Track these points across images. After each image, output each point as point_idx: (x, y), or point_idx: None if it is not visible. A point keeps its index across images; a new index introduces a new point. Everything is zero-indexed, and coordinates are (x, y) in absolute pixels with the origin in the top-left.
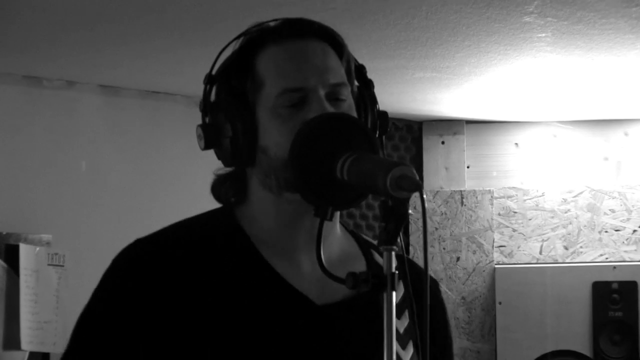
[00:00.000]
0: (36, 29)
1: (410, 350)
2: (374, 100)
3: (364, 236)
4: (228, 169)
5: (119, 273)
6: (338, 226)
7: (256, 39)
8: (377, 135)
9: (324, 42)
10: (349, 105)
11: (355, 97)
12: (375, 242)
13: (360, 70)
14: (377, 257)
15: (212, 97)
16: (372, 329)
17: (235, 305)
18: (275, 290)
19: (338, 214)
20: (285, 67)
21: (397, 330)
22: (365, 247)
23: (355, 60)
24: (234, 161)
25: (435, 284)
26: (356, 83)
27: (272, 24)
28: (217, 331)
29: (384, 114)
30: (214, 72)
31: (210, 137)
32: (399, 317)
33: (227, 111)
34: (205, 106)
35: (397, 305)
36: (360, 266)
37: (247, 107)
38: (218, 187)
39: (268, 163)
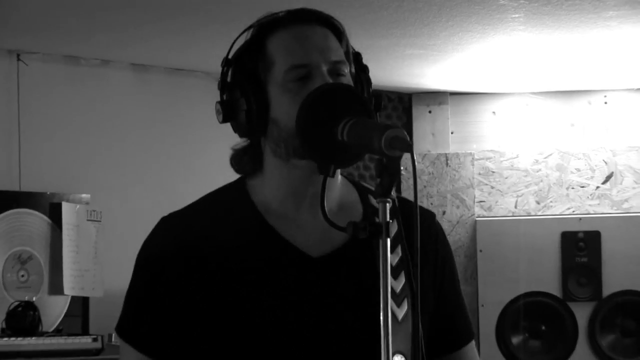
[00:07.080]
0: (75, 11)
1: (402, 280)
2: (369, 82)
3: (364, 184)
4: (244, 143)
5: (154, 250)
6: (339, 179)
7: (266, 26)
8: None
9: (326, 27)
10: (348, 80)
11: (353, 77)
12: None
13: (357, 57)
14: (373, 201)
15: (229, 78)
16: (367, 270)
17: (241, 264)
18: (275, 248)
19: (339, 170)
20: (292, 46)
21: (390, 264)
22: (363, 194)
23: (353, 48)
24: (249, 131)
25: (431, 215)
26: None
27: (280, 14)
28: (225, 289)
29: (379, 93)
30: (230, 56)
31: (227, 112)
32: (392, 252)
33: (242, 88)
34: (223, 85)
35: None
36: (357, 211)
37: (259, 84)
38: (235, 160)
39: (278, 133)
